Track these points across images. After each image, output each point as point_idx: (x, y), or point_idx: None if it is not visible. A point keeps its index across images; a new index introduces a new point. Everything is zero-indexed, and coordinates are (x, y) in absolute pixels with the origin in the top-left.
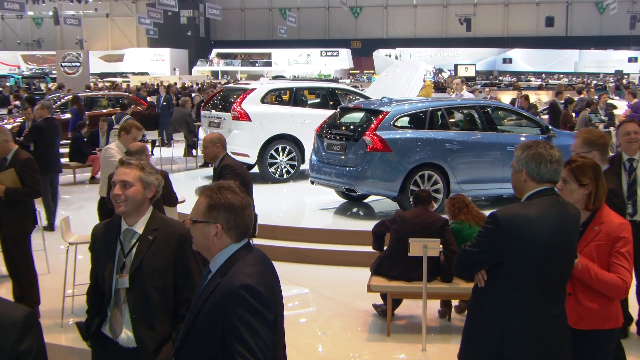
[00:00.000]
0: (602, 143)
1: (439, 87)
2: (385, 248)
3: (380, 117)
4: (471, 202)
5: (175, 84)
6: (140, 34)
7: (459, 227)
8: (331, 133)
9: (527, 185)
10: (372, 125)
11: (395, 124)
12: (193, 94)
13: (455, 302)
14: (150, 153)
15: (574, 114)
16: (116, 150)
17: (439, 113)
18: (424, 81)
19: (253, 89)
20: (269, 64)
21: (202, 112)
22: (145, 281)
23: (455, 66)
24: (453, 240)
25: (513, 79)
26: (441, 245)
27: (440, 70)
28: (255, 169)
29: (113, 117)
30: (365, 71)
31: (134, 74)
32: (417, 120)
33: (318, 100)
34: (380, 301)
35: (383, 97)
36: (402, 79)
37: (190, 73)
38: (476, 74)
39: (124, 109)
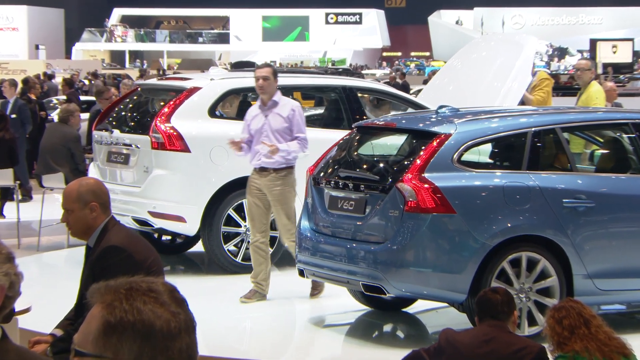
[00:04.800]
0: None
1: (560, 83)
2: None
3: (434, 145)
4: (596, 316)
5: (49, 76)
6: None
7: None
8: (339, 177)
9: None
10: (418, 162)
11: (463, 158)
12: (83, 98)
13: None
14: None
15: None
16: None
17: (552, 137)
18: (535, 73)
19: (194, 90)
20: (224, 38)
21: (95, 134)
22: None
23: (593, 43)
24: None
25: None
26: None
27: (562, 52)
28: (198, 247)
29: None
30: (412, 54)
31: None
32: (507, 151)
33: (321, 110)
34: None
35: (441, 107)
36: (490, 70)
37: (69, 55)
38: (634, 58)
39: None
